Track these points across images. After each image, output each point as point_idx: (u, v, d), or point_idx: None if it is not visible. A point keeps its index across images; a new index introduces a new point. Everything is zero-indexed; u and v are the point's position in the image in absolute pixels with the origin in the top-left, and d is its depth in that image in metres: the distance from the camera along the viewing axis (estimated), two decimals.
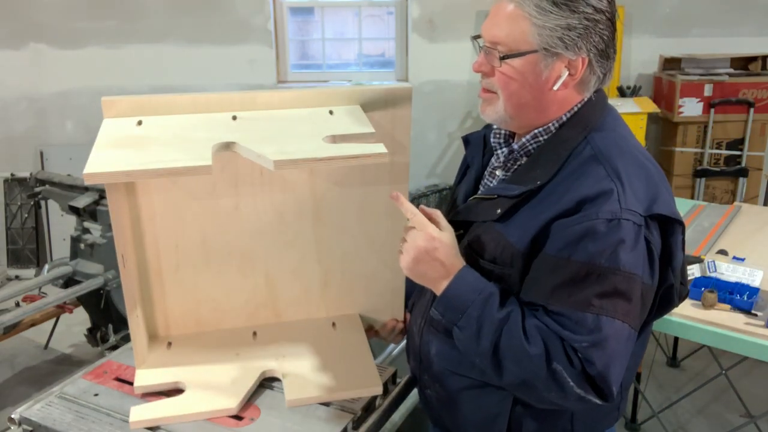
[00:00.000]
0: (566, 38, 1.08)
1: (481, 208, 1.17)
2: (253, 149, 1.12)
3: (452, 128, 4.40)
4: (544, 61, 1.09)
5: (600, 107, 1.17)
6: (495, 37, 1.10)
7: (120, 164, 1.07)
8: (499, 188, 1.17)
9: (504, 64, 1.10)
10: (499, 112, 1.14)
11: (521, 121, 1.16)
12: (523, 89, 1.11)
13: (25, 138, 4.40)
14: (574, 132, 1.13)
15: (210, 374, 1.33)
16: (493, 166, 1.26)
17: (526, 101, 1.12)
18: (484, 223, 1.15)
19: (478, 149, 1.32)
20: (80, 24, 4.23)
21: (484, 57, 1.13)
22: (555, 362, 1.03)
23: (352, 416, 1.23)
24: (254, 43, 4.28)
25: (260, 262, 1.44)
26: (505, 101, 1.13)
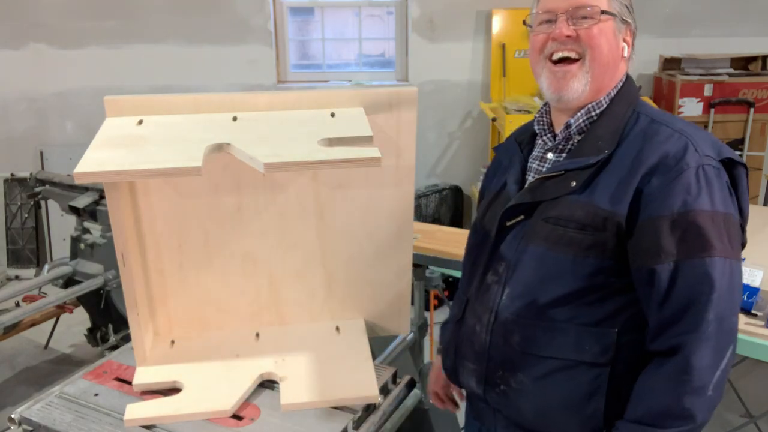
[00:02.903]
0: (629, 7, 1.23)
1: (548, 186, 1.20)
2: (248, 151, 1.11)
3: (452, 128, 4.40)
4: (617, 27, 1.20)
5: (634, 83, 1.28)
6: (580, 1, 1.18)
7: (111, 164, 1.07)
8: (565, 164, 1.20)
9: (600, 21, 1.18)
10: (582, 80, 1.20)
11: (598, 86, 1.21)
12: (609, 50, 1.20)
13: (25, 138, 4.40)
14: (623, 106, 1.22)
15: (208, 374, 1.33)
16: (542, 151, 1.29)
17: (607, 62, 1.20)
18: (557, 199, 1.18)
19: (512, 149, 1.35)
20: (80, 24, 4.23)
21: (566, 22, 1.19)
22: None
23: (352, 416, 1.23)
24: (254, 43, 4.28)
25: (263, 263, 1.44)
26: (592, 61, 1.19)
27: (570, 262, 1.16)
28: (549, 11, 1.21)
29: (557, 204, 1.18)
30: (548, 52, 1.21)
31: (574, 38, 1.19)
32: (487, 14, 4.16)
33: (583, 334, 1.16)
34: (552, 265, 1.18)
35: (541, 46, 1.23)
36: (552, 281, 1.18)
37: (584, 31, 1.19)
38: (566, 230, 1.17)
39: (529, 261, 1.21)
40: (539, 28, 1.24)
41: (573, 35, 1.19)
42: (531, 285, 1.20)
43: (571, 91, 1.20)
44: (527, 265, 1.21)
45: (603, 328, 1.16)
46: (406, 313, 1.51)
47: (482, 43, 4.23)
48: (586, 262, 1.15)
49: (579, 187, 1.17)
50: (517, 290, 1.22)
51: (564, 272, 1.17)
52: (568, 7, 1.19)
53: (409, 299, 1.49)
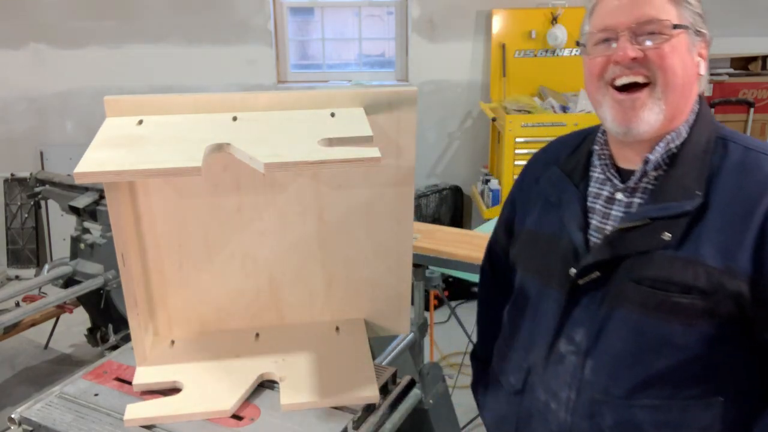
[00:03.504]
0: (702, 15, 1.05)
1: (632, 238, 1.02)
2: (247, 151, 1.11)
3: (452, 128, 4.40)
4: (691, 41, 1.03)
5: (706, 103, 1.11)
6: (646, 15, 1.00)
7: (111, 164, 1.07)
8: (649, 211, 1.02)
9: (671, 37, 1.00)
10: (654, 109, 1.01)
11: (673, 113, 1.03)
12: (684, 70, 1.02)
13: (25, 138, 4.40)
14: (704, 133, 1.05)
15: (208, 374, 1.33)
16: (609, 190, 1.10)
17: (683, 85, 1.02)
18: (647, 254, 1.00)
19: (562, 183, 1.16)
20: (80, 24, 4.23)
21: (629, 41, 1.00)
22: None
23: (353, 416, 1.23)
24: (254, 43, 4.28)
25: (263, 263, 1.44)
26: (665, 86, 1.00)
27: (675, 332, 0.98)
28: (607, 29, 1.02)
29: (649, 261, 0.99)
30: (610, 78, 1.02)
31: (641, 59, 1.00)
32: (487, 14, 4.17)
33: (689, 408, 1.00)
34: (651, 335, 1.00)
35: (600, 71, 1.04)
36: (651, 353, 1.00)
37: (653, 51, 1.00)
38: (668, 295, 0.98)
39: (619, 329, 1.02)
40: (596, 49, 1.05)
41: (639, 56, 1.00)
42: (623, 358, 1.02)
43: (642, 123, 1.01)
44: (616, 334, 1.03)
45: (710, 399, 1.00)
46: (406, 313, 1.51)
47: (482, 43, 4.23)
48: (695, 331, 0.98)
49: (675, 240, 0.98)
50: (604, 363, 1.04)
51: (667, 343, 0.99)
52: (631, 23, 1.00)
53: (409, 299, 1.49)
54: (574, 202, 1.12)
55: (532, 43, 4.15)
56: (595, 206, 1.11)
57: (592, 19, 1.07)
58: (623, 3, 1.02)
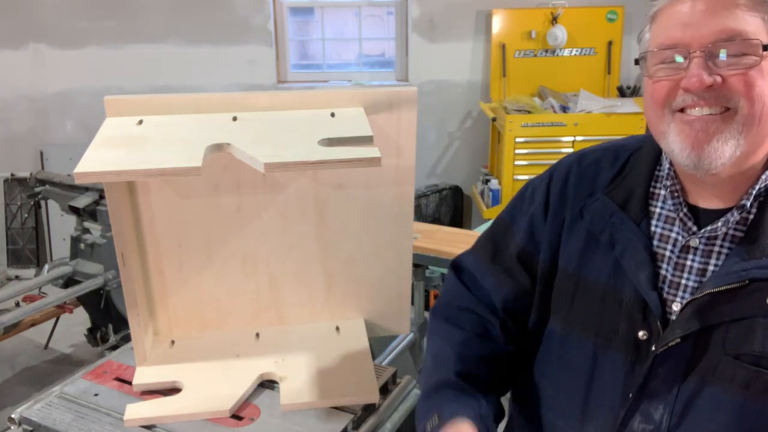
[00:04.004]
0: None
1: (725, 303, 0.85)
2: (248, 151, 1.11)
3: (452, 128, 4.40)
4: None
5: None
6: (728, 29, 0.80)
7: (111, 164, 1.07)
8: (750, 270, 0.84)
9: (762, 59, 0.80)
10: (731, 141, 0.82)
11: (754, 148, 0.85)
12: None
13: (25, 138, 4.40)
14: None
15: (208, 374, 1.33)
16: (682, 235, 0.91)
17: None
18: (743, 321, 0.84)
19: (616, 218, 0.95)
20: (80, 24, 4.23)
21: (704, 64, 0.81)
22: None
23: (352, 416, 1.23)
24: (254, 43, 4.28)
25: (263, 263, 1.44)
26: (751, 119, 0.81)
27: None
28: (677, 45, 0.83)
29: (750, 332, 0.83)
30: (678, 106, 0.84)
31: (719, 87, 0.81)
32: (487, 14, 4.17)
33: None
34: (756, 422, 0.84)
35: (666, 98, 0.85)
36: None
37: (736, 77, 0.80)
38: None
39: (712, 411, 0.86)
40: (659, 69, 0.85)
41: (718, 83, 0.81)
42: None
43: (715, 155, 0.82)
44: (709, 416, 0.86)
45: None
46: (406, 313, 1.51)
47: (482, 43, 4.23)
48: None
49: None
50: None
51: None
52: (707, 40, 0.80)
53: (409, 299, 1.49)
54: (636, 244, 0.92)
55: (532, 43, 4.15)
56: (664, 253, 0.92)
57: (655, 29, 0.87)
58: (696, 11, 0.81)
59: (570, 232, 1.00)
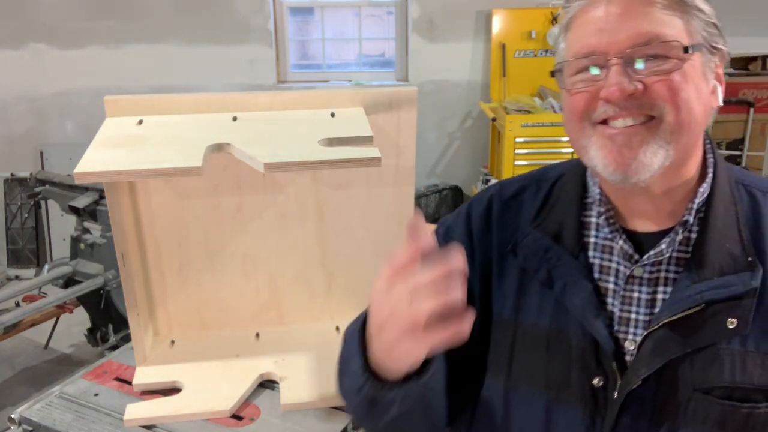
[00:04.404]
0: (717, 24, 0.78)
1: (684, 333, 0.76)
2: (248, 151, 1.12)
3: (452, 128, 4.40)
4: (705, 61, 0.77)
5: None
6: (645, 33, 0.74)
7: (111, 164, 1.07)
8: (704, 292, 0.76)
9: (683, 61, 0.75)
10: (659, 151, 0.75)
11: (684, 156, 0.79)
12: (700, 102, 0.77)
13: (25, 138, 4.40)
14: (726, 180, 0.83)
15: (208, 374, 1.33)
16: (625, 264, 0.82)
17: (699, 121, 0.78)
18: (706, 350, 0.76)
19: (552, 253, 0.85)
20: (80, 24, 4.23)
21: (623, 71, 0.74)
22: None
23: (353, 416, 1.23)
24: (254, 43, 4.28)
25: (263, 264, 1.44)
26: (678, 126, 0.75)
27: None
28: (593, 53, 0.76)
29: (715, 361, 0.75)
30: (599, 118, 0.77)
31: (642, 94, 0.74)
32: (487, 14, 4.16)
33: None
34: None
35: (584, 110, 0.78)
36: None
37: (659, 82, 0.74)
38: (755, 407, 0.75)
39: None
40: (577, 81, 0.78)
41: (639, 91, 0.74)
42: None
43: (642, 168, 0.75)
44: None
45: None
46: None
47: (482, 43, 4.23)
48: None
49: (742, 328, 0.75)
50: None
51: None
52: (625, 46, 0.74)
53: None
54: (578, 279, 0.82)
55: (532, 43, 4.15)
56: (608, 286, 0.83)
57: (570, 38, 0.80)
58: (611, 15, 0.75)
59: (501, 274, 0.88)
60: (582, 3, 0.78)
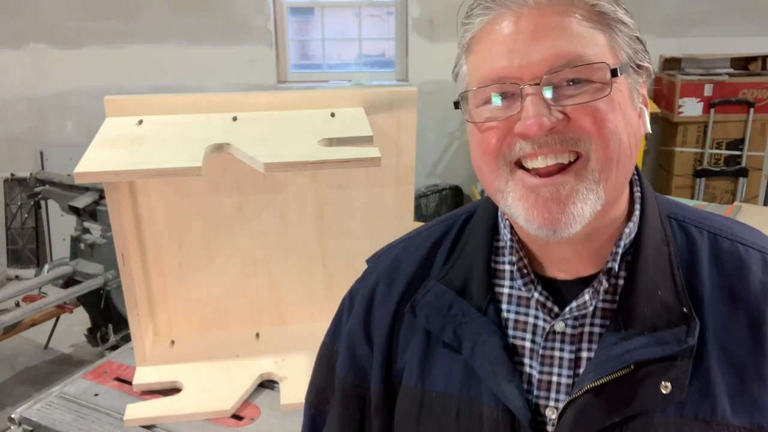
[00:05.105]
0: (639, 36, 0.69)
1: (612, 399, 0.66)
2: (248, 151, 1.12)
3: (452, 128, 4.40)
4: (632, 83, 0.67)
5: None
6: (564, 54, 0.62)
7: (111, 164, 1.07)
8: (636, 351, 0.65)
9: (610, 85, 0.63)
10: (590, 197, 0.64)
11: (614, 197, 0.67)
12: (629, 130, 0.66)
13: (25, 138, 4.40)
14: (655, 214, 0.72)
15: (208, 374, 1.33)
16: (543, 319, 0.71)
17: (629, 153, 0.66)
18: (638, 420, 0.65)
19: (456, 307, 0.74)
20: (80, 24, 4.23)
21: (540, 100, 0.62)
22: None
23: None
24: (254, 43, 4.28)
25: (263, 263, 1.44)
26: (606, 162, 0.64)
27: None
28: (502, 79, 0.64)
29: (649, 430, 0.65)
30: (515, 157, 0.65)
31: (562, 127, 0.63)
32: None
33: None
34: None
35: (498, 148, 0.66)
36: None
37: (582, 112, 0.62)
38: None
39: None
40: (484, 113, 0.66)
41: (560, 124, 0.63)
42: None
43: (574, 221, 0.64)
44: None
45: None
46: None
47: None
48: None
49: (677, 392, 0.64)
50: None
51: None
52: (540, 70, 0.62)
53: None
54: (487, 338, 0.71)
55: None
56: (524, 344, 0.72)
57: (473, 62, 0.69)
58: (522, 32, 0.63)
59: (406, 335, 0.78)
60: (485, 18, 0.67)
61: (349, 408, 0.83)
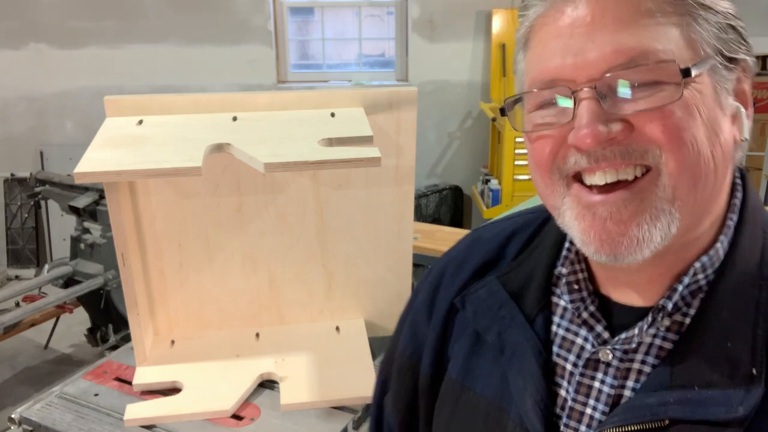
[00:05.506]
0: (735, 26, 0.60)
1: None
2: (248, 151, 1.12)
3: (452, 128, 4.40)
4: (718, 81, 0.56)
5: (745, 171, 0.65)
6: (628, 50, 0.53)
7: (111, 164, 1.07)
8: (668, 405, 0.55)
9: (683, 87, 0.53)
10: (661, 219, 0.54)
11: (692, 221, 0.57)
12: (711, 141, 0.55)
13: (25, 138, 4.40)
14: (755, 248, 0.59)
15: (208, 374, 1.33)
16: (592, 343, 0.63)
17: (712, 168, 0.55)
18: None
19: (505, 309, 0.69)
20: (80, 24, 4.23)
21: (597, 106, 0.53)
22: None
23: (353, 416, 1.23)
24: (254, 43, 4.28)
25: (263, 263, 1.44)
26: (679, 176, 0.54)
27: None
28: (556, 81, 0.56)
29: None
30: (570, 171, 0.57)
31: (625, 137, 0.54)
32: (487, 14, 4.16)
33: None
34: None
35: (551, 160, 0.58)
36: None
37: (651, 120, 0.53)
38: None
39: None
40: (536, 118, 0.58)
41: (620, 134, 0.54)
42: None
43: (639, 247, 0.55)
44: None
45: None
46: None
47: (482, 43, 4.23)
48: None
49: None
50: None
51: None
52: (599, 69, 0.53)
53: None
54: (526, 351, 0.65)
55: None
56: (565, 366, 0.64)
57: (528, 58, 0.59)
58: (579, 25, 0.54)
59: (461, 325, 0.73)
60: (539, 10, 0.57)
61: (403, 383, 0.80)
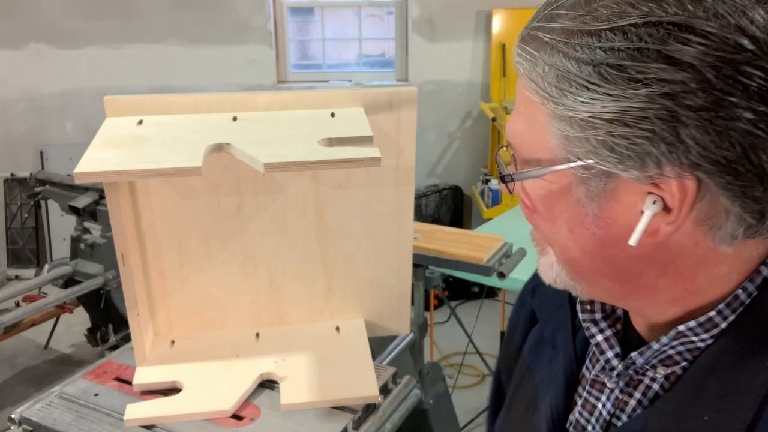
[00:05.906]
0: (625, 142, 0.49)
1: None
2: (248, 151, 1.12)
3: (452, 128, 4.40)
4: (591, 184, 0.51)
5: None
6: (509, 132, 0.56)
7: (111, 164, 1.07)
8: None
9: (528, 181, 0.54)
10: (554, 267, 0.57)
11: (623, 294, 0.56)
12: (568, 237, 0.54)
13: (25, 138, 4.40)
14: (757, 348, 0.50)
15: (208, 374, 1.33)
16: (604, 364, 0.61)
17: (585, 263, 0.55)
18: None
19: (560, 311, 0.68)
20: (80, 24, 4.23)
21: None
22: None
23: (353, 416, 1.23)
24: (254, 43, 4.28)
25: (263, 264, 1.44)
26: (559, 260, 0.57)
27: None
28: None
29: None
30: None
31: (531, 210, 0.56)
32: (487, 14, 4.17)
33: None
34: None
35: None
36: None
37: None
38: None
39: None
40: None
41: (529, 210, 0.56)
42: None
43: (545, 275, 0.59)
44: None
45: None
46: (406, 313, 1.51)
47: (482, 43, 4.23)
48: None
49: None
50: None
51: None
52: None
53: (409, 299, 1.49)
54: (560, 357, 0.65)
55: None
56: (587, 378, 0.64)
57: None
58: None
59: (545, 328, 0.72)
60: None
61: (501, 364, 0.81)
